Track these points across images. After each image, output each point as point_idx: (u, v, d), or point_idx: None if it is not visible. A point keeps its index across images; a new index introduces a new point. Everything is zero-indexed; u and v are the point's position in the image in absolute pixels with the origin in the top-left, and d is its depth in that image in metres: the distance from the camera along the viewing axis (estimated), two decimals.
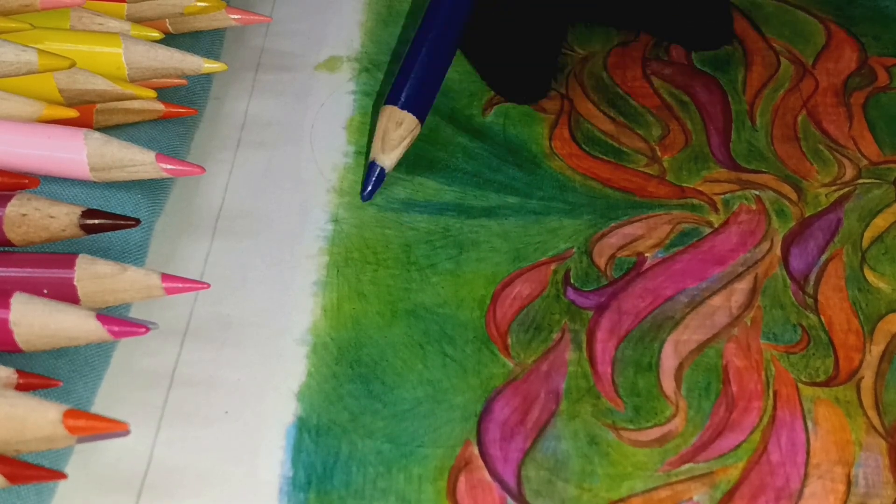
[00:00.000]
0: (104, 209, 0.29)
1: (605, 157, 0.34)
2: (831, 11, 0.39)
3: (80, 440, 0.24)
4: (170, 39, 0.33)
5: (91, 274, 0.27)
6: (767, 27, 0.39)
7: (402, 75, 0.33)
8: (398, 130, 0.32)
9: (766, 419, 0.28)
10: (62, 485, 0.26)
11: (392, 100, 0.33)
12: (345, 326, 0.30)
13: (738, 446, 0.27)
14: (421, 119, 0.33)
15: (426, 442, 0.27)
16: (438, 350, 0.29)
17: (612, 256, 0.31)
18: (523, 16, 0.35)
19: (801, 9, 0.40)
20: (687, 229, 0.32)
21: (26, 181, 0.28)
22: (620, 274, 0.31)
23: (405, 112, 0.33)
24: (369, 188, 0.32)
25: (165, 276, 0.27)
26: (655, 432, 0.28)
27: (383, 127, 0.32)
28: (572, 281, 0.31)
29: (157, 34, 0.32)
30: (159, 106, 0.32)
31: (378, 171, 0.32)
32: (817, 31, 0.39)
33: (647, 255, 0.31)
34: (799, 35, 0.38)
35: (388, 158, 0.32)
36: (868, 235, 0.32)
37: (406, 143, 0.32)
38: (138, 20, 0.33)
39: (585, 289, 0.31)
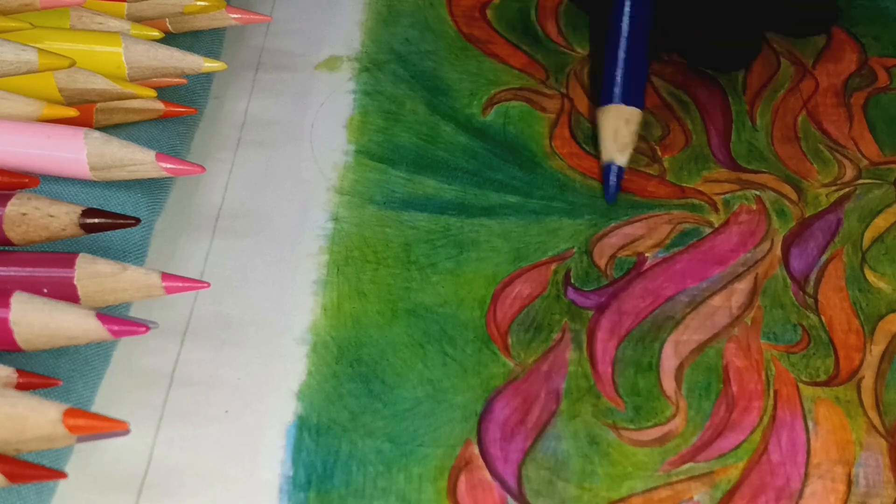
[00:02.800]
0: (104, 208, 0.29)
1: None
2: None
3: (80, 439, 0.24)
4: (170, 39, 0.33)
5: (91, 273, 0.27)
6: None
7: (610, 72, 0.33)
8: (629, 126, 0.32)
9: (766, 419, 0.28)
10: (62, 484, 0.26)
11: (608, 99, 0.33)
12: (345, 325, 0.30)
13: (738, 446, 0.27)
14: (643, 108, 0.33)
15: (426, 441, 0.27)
16: (439, 349, 0.29)
17: (613, 256, 0.31)
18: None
19: None
20: (687, 229, 0.32)
21: (26, 180, 0.28)
22: (621, 274, 0.31)
23: (631, 107, 0.33)
24: (612, 190, 0.32)
25: (165, 276, 0.27)
26: (656, 432, 0.28)
27: (613, 127, 0.32)
28: (573, 281, 0.31)
29: (157, 33, 0.32)
30: (159, 105, 0.32)
31: (618, 170, 0.32)
32: None
33: (647, 255, 0.31)
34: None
35: (623, 157, 0.32)
36: (868, 235, 0.32)
37: (636, 136, 0.33)
38: (138, 19, 0.33)
39: (586, 289, 0.31)
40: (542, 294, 0.30)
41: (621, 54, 0.33)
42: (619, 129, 0.32)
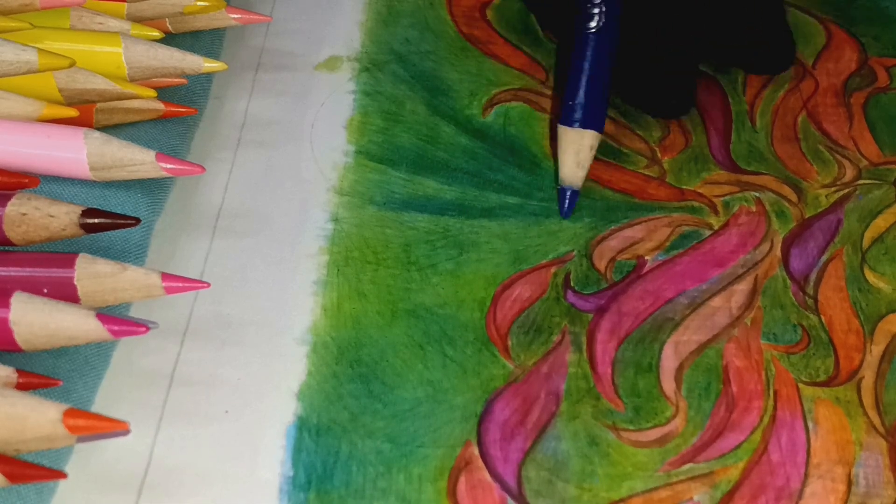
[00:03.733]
0: (104, 208, 0.29)
1: (604, 159, 0.34)
2: (831, 12, 0.39)
3: (80, 439, 0.24)
4: (170, 39, 0.33)
5: (91, 273, 0.27)
6: None
7: (572, 94, 0.33)
8: (590, 151, 0.32)
9: (766, 419, 0.28)
10: (62, 484, 0.26)
11: (569, 121, 0.33)
12: (345, 326, 0.30)
13: (738, 446, 0.27)
14: (601, 130, 0.33)
15: (426, 442, 0.27)
16: (439, 350, 0.29)
17: (613, 259, 0.31)
18: (659, 44, 0.35)
19: (802, 9, 0.40)
20: (687, 232, 0.32)
21: (26, 180, 0.28)
22: (620, 277, 0.31)
23: (591, 131, 0.33)
24: (567, 211, 0.32)
25: (165, 276, 0.27)
26: (656, 433, 0.28)
27: (574, 150, 0.32)
28: (572, 284, 0.31)
29: (157, 33, 0.32)
30: (159, 105, 0.32)
31: (573, 194, 0.33)
32: (817, 31, 0.39)
33: (647, 257, 0.31)
34: (799, 35, 0.38)
35: (580, 181, 0.33)
36: (868, 236, 0.32)
37: (592, 158, 0.33)
38: (138, 19, 0.33)
39: (585, 292, 0.31)
40: (542, 297, 0.30)
41: (584, 77, 0.33)
42: (580, 152, 0.32)
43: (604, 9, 0.33)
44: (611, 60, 0.33)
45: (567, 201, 0.32)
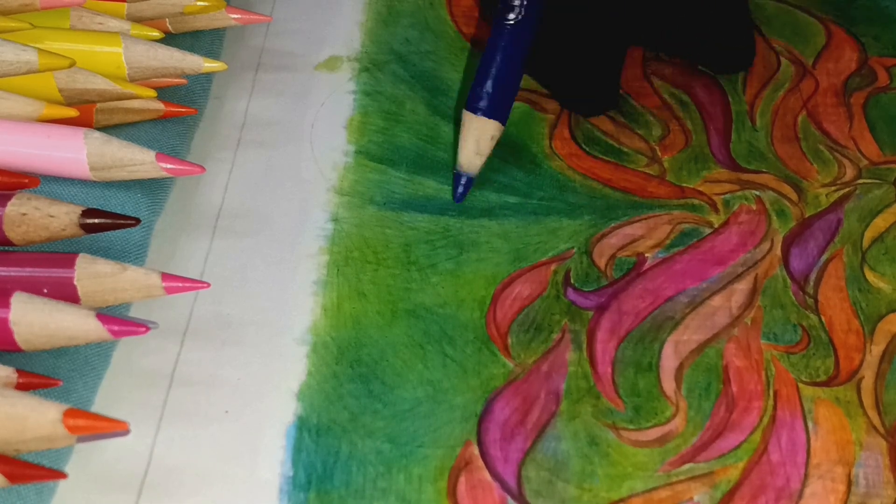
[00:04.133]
0: (104, 208, 0.29)
1: (605, 157, 0.34)
2: (831, 12, 0.39)
3: (80, 439, 0.24)
4: (170, 39, 0.33)
5: (91, 273, 0.27)
6: (768, 28, 0.39)
7: (481, 81, 0.33)
8: (490, 141, 0.33)
9: (766, 419, 0.28)
10: (62, 484, 0.26)
11: (474, 108, 0.33)
12: (345, 326, 0.30)
13: (738, 446, 0.27)
14: (504, 123, 0.33)
15: (426, 442, 0.27)
16: (438, 350, 0.29)
17: (613, 257, 0.31)
18: (585, 34, 0.35)
19: (802, 9, 0.40)
20: (687, 230, 0.32)
21: (26, 180, 0.28)
22: (621, 274, 0.31)
23: (495, 122, 0.33)
24: (460, 196, 0.33)
25: (165, 276, 0.27)
26: (655, 432, 0.28)
27: (475, 137, 0.32)
28: (572, 281, 0.31)
29: (157, 34, 0.32)
30: (159, 105, 0.32)
31: (468, 180, 0.33)
32: (817, 31, 0.39)
33: (647, 255, 0.31)
34: (799, 35, 0.38)
35: (477, 169, 0.33)
36: (868, 235, 0.32)
37: (492, 149, 0.33)
38: (138, 20, 0.33)
39: (585, 289, 0.31)
40: (542, 294, 0.30)
41: (494, 68, 0.33)
42: (480, 140, 0.32)
43: (525, 2, 0.33)
44: (525, 54, 0.33)
45: (461, 187, 0.33)
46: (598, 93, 0.36)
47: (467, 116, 0.33)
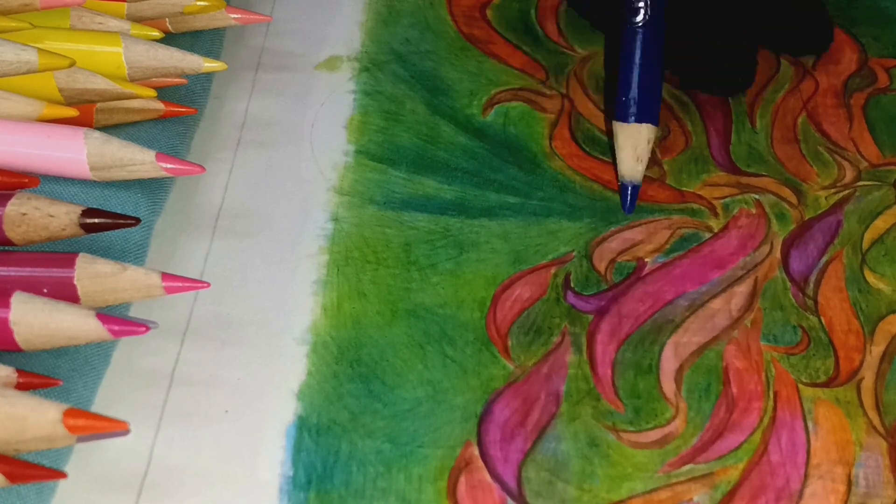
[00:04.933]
0: (104, 208, 0.29)
1: (605, 158, 0.34)
2: (832, 12, 0.39)
3: (80, 439, 0.24)
4: (170, 39, 0.33)
5: (91, 273, 0.27)
6: None
7: (626, 88, 0.33)
8: (648, 145, 0.33)
9: (766, 420, 0.28)
10: (62, 484, 0.26)
11: (625, 116, 0.33)
12: (345, 326, 0.30)
13: (738, 447, 0.27)
14: (657, 123, 0.33)
15: (426, 442, 0.27)
16: (439, 350, 0.29)
17: (613, 261, 0.31)
18: (715, 21, 0.36)
19: None
20: (687, 234, 0.32)
21: (26, 180, 0.28)
22: (620, 278, 0.31)
23: (648, 125, 0.33)
24: (629, 206, 0.32)
25: (165, 276, 0.27)
26: (655, 434, 0.28)
27: (633, 145, 0.32)
28: (572, 285, 0.31)
29: (157, 33, 0.32)
30: (159, 105, 0.32)
31: (635, 189, 0.33)
32: None
33: (647, 259, 0.31)
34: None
35: (641, 175, 0.33)
36: (868, 237, 0.32)
37: (650, 152, 0.33)
38: (138, 19, 0.33)
39: (585, 293, 0.31)
40: (542, 297, 0.30)
41: (635, 71, 0.33)
42: (638, 147, 0.32)
43: (649, 2, 0.33)
44: (661, 51, 0.34)
45: (629, 197, 0.32)
46: (738, 68, 0.36)
47: (619, 127, 0.33)
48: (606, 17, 0.38)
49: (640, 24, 0.33)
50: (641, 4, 0.33)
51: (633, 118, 0.33)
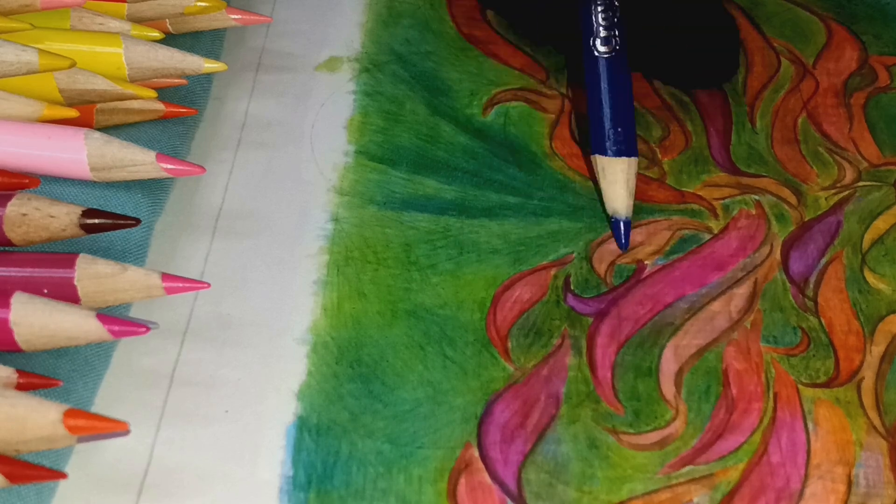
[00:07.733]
0: (104, 209, 0.29)
1: None
2: (832, 9, 0.39)
3: (81, 440, 0.24)
4: (170, 39, 0.33)
5: (91, 274, 0.27)
6: (768, 26, 0.39)
7: (600, 124, 0.33)
8: (632, 179, 0.32)
9: (766, 420, 0.28)
10: (62, 484, 0.26)
11: (606, 150, 0.33)
12: (345, 326, 0.30)
13: (738, 448, 0.27)
14: (637, 154, 0.33)
15: (426, 443, 0.27)
16: (439, 351, 0.29)
17: (612, 263, 0.31)
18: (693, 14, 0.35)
19: (802, 6, 0.39)
20: (686, 236, 0.32)
21: (26, 181, 0.28)
22: (620, 281, 0.31)
23: (631, 158, 0.33)
24: (624, 242, 0.32)
25: (166, 276, 0.27)
26: (655, 436, 0.28)
27: (623, 178, 0.32)
28: (572, 287, 0.31)
29: (157, 34, 0.32)
30: (160, 106, 0.32)
31: (625, 224, 0.32)
32: (818, 29, 0.39)
33: (646, 262, 0.31)
34: (800, 34, 0.38)
35: (630, 210, 0.32)
36: (868, 237, 0.32)
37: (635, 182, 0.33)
38: (138, 20, 0.33)
39: (585, 295, 0.31)
40: (542, 299, 0.30)
41: (610, 102, 0.33)
42: (629, 181, 0.32)
43: (616, 32, 0.33)
44: (630, 79, 0.33)
45: (623, 232, 0.32)
46: (720, 55, 0.36)
47: (605, 162, 0.33)
48: (560, 40, 0.37)
49: (608, 55, 0.33)
50: (608, 34, 0.33)
51: (618, 153, 0.32)
